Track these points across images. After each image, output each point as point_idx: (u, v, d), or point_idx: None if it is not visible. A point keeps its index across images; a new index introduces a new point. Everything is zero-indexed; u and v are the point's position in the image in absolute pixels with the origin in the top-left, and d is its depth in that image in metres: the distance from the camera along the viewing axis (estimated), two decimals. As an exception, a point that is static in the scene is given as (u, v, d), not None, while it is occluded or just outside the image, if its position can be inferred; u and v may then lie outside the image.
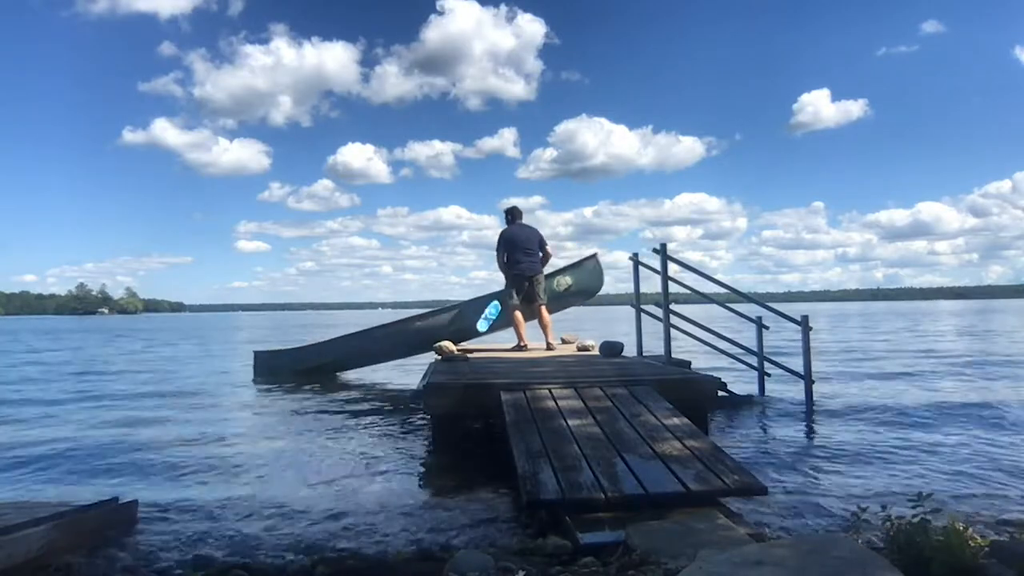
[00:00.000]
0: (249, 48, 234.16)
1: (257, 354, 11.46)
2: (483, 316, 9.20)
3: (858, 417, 6.76)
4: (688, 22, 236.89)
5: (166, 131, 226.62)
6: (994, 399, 7.73)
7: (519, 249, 8.49)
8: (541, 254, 8.69)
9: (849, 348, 16.70)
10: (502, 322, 9.28)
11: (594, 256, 9.89)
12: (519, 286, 8.50)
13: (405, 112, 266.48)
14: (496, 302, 9.18)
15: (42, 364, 16.02)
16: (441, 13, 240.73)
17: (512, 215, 8.73)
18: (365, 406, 7.94)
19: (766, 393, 7.79)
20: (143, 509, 3.72)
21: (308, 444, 5.85)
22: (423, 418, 6.31)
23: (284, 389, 9.40)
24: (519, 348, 8.58)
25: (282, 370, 10.77)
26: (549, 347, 8.61)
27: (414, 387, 9.36)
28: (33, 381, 11.80)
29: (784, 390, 7.96)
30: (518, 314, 8.57)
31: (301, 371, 10.52)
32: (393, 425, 6.66)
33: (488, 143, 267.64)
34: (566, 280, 8.91)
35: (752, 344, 7.93)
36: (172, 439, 6.12)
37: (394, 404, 8.06)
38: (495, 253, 8.63)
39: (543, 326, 8.72)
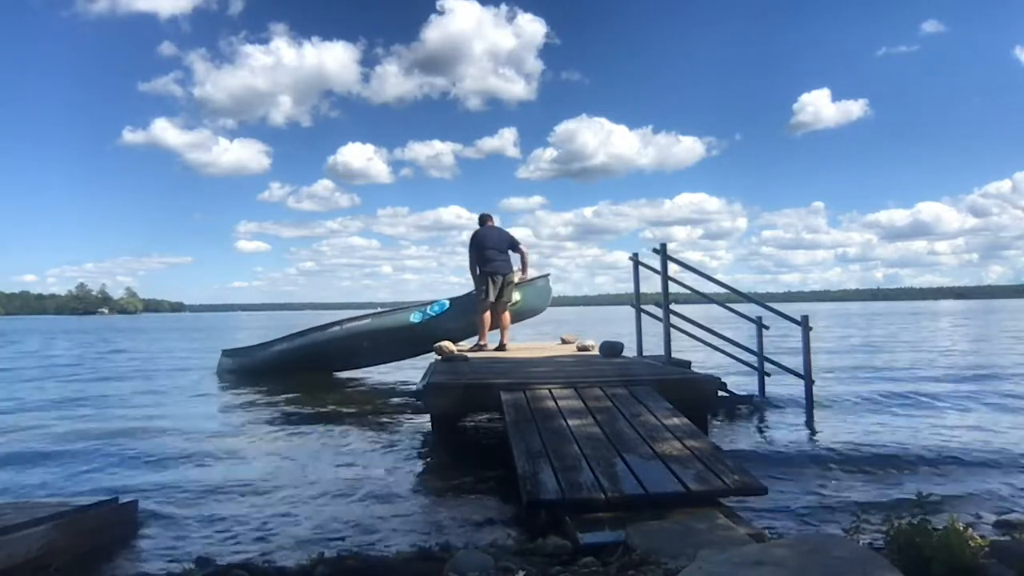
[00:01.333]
0: (249, 48, 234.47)
1: (224, 352, 11.66)
2: (421, 309, 9.21)
3: (858, 417, 6.77)
4: (688, 22, 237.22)
5: (166, 131, 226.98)
6: (998, 400, 7.74)
7: (489, 248, 8.58)
8: (518, 254, 8.82)
9: (850, 349, 16.70)
10: (453, 320, 9.23)
11: (546, 276, 9.98)
12: (492, 284, 8.53)
13: (405, 112, 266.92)
14: (445, 300, 9.18)
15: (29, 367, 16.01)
16: (441, 13, 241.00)
17: (482, 220, 8.87)
18: (361, 406, 7.94)
19: (766, 393, 7.79)
20: (143, 510, 3.72)
21: (306, 445, 5.84)
22: (423, 418, 6.31)
23: (274, 390, 9.40)
24: (479, 347, 8.65)
25: (246, 369, 10.95)
26: (503, 347, 8.71)
27: (400, 384, 9.41)
28: (25, 381, 11.80)
29: (784, 390, 7.96)
30: (486, 314, 8.62)
31: (266, 371, 10.61)
32: (392, 425, 6.66)
33: (488, 143, 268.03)
34: (515, 296, 9.00)
35: (752, 344, 7.93)
36: (167, 441, 6.11)
37: (389, 403, 8.05)
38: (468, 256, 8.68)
39: (502, 327, 8.79)
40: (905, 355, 14.37)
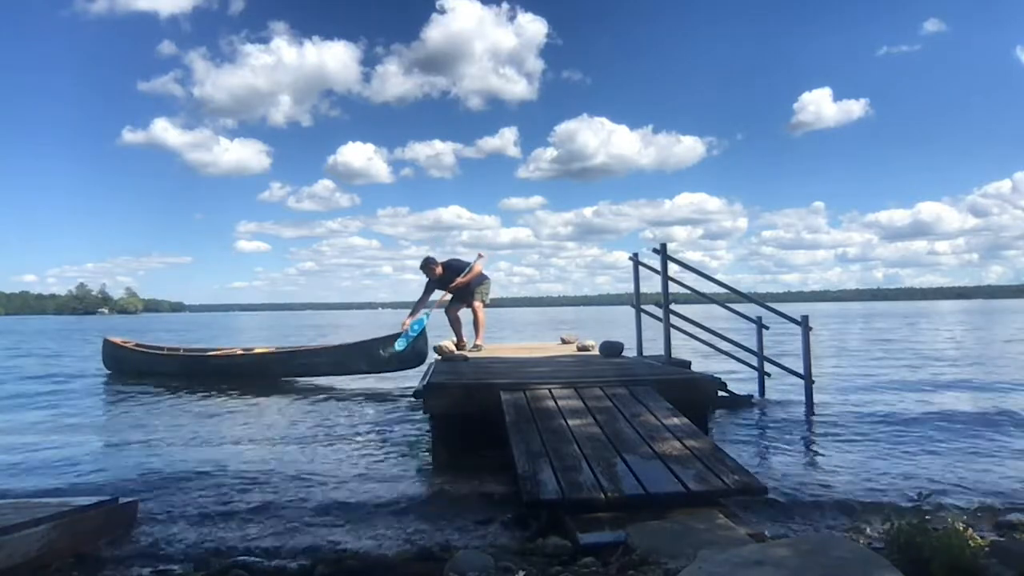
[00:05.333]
0: (249, 47, 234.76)
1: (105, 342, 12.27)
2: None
3: (858, 417, 6.76)
4: (689, 22, 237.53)
5: (166, 131, 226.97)
6: (997, 400, 7.75)
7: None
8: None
9: (850, 348, 16.70)
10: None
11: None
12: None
13: (405, 112, 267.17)
14: (423, 317, 9.06)
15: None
16: (442, 12, 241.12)
17: (434, 264, 8.70)
18: (358, 406, 7.94)
19: (766, 393, 7.80)
20: (142, 510, 3.72)
21: (304, 446, 5.82)
22: (422, 418, 6.30)
23: (267, 390, 9.39)
24: (476, 347, 8.71)
25: (131, 366, 11.44)
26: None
27: (395, 385, 9.37)
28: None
29: (784, 390, 7.96)
30: (460, 314, 8.86)
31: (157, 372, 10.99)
32: (391, 425, 6.66)
33: (488, 143, 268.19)
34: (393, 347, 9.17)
35: (752, 344, 7.93)
36: (166, 441, 6.11)
37: (388, 403, 8.05)
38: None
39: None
40: (905, 355, 14.37)
